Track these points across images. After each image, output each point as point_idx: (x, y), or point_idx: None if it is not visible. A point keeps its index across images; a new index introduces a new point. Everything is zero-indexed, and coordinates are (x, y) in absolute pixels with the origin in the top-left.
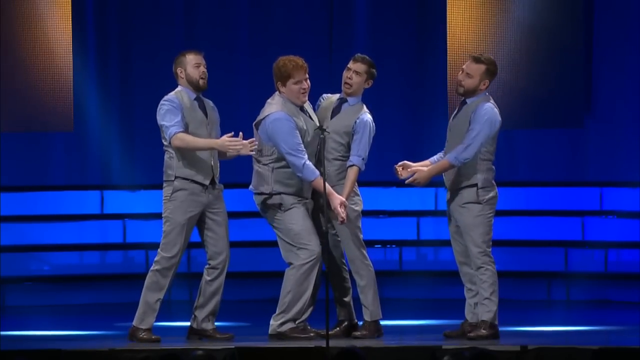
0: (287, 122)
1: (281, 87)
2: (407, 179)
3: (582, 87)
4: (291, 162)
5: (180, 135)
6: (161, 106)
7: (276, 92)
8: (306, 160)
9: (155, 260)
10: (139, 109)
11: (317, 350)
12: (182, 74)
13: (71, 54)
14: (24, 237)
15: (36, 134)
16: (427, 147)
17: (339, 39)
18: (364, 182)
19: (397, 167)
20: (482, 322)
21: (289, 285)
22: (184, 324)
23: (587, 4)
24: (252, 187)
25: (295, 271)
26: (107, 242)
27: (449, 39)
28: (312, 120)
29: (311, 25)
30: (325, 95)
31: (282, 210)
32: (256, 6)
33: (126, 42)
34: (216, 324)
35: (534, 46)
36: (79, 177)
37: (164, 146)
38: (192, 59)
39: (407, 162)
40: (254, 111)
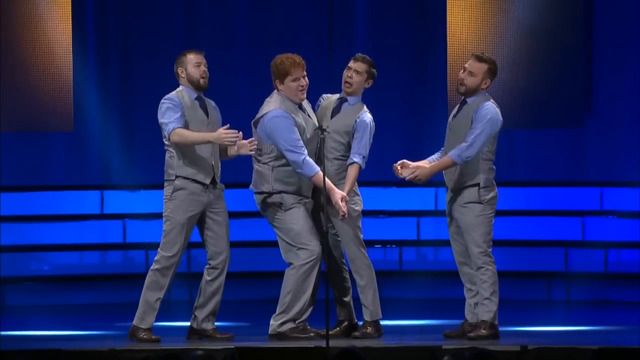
0: (286, 119)
1: (279, 85)
2: (406, 177)
3: (582, 87)
4: (291, 158)
5: (178, 130)
6: (161, 105)
7: (274, 91)
8: (306, 156)
9: (155, 259)
10: (139, 109)
11: (317, 350)
12: (183, 73)
13: (71, 54)
14: (24, 237)
15: (36, 134)
16: (427, 147)
17: (339, 39)
18: (364, 182)
19: (396, 166)
20: (482, 322)
21: (289, 285)
22: (184, 324)
23: (587, 4)
24: (252, 186)
25: (295, 271)
26: (107, 242)
27: (449, 39)
28: (310, 118)
29: (311, 25)
30: (325, 95)
31: (282, 209)
32: (256, 6)
33: (126, 42)
34: (216, 324)
35: (534, 46)
36: (79, 177)
37: (165, 145)
38: (192, 59)
39: (406, 161)
40: (254, 111)
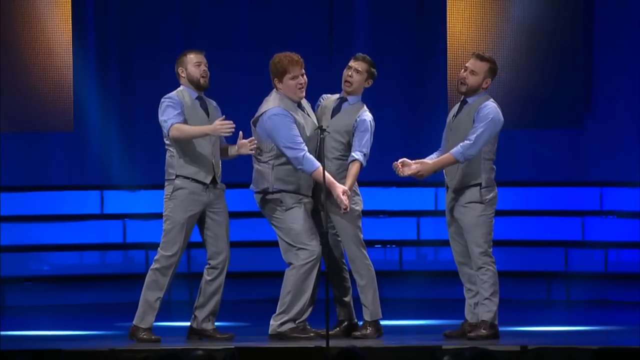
0: (285, 116)
1: (278, 83)
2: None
3: (582, 87)
4: (290, 155)
5: (176, 125)
6: (161, 103)
7: (273, 90)
8: (306, 152)
9: (155, 259)
10: (139, 109)
11: (317, 350)
12: (183, 73)
13: (71, 54)
14: (24, 237)
15: (36, 134)
16: (426, 146)
17: (339, 39)
18: (364, 182)
19: (397, 164)
20: (482, 322)
21: (289, 285)
22: (184, 324)
23: (587, 4)
24: (252, 186)
25: (295, 271)
26: (107, 242)
27: (449, 39)
28: (310, 117)
29: (311, 25)
30: (325, 95)
31: (282, 209)
32: (256, 6)
33: (126, 42)
34: (216, 324)
35: (534, 46)
36: (79, 177)
37: (165, 145)
38: (192, 58)
39: (407, 160)
40: (254, 110)
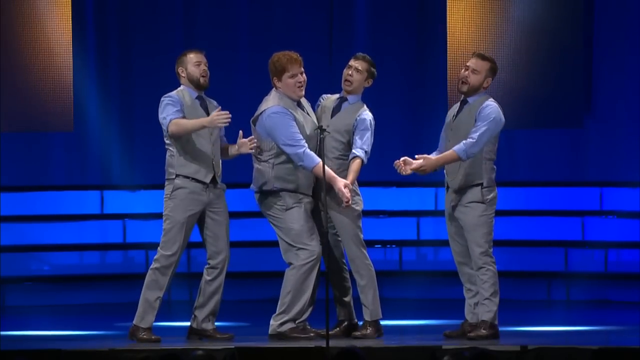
0: (284, 114)
1: (277, 82)
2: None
3: (582, 87)
4: (291, 152)
5: (175, 120)
6: (161, 102)
7: (273, 89)
8: (306, 148)
9: (154, 258)
10: (139, 109)
11: (317, 350)
12: (183, 73)
13: (71, 54)
14: (24, 237)
15: (36, 134)
16: (426, 146)
17: (339, 38)
18: (364, 182)
19: (399, 163)
20: (482, 322)
21: (289, 285)
22: (184, 324)
23: (587, 4)
24: (252, 185)
25: (295, 271)
26: (107, 242)
27: (449, 39)
28: (309, 116)
29: (311, 25)
30: (325, 95)
31: (283, 209)
32: (256, 6)
33: (126, 42)
34: (216, 324)
35: (534, 46)
36: (79, 177)
37: (166, 144)
38: (192, 58)
39: (408, 159)
40: (254, 110)
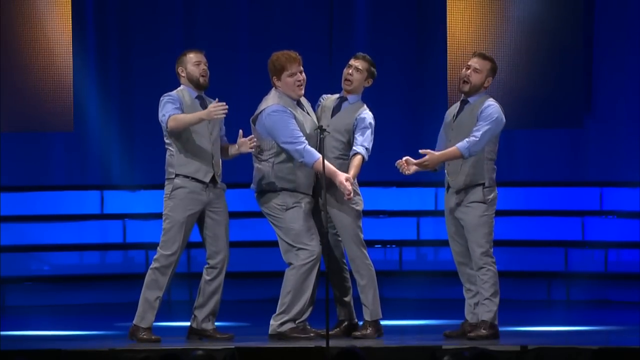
0: (284, 113)
1: (277, 81)
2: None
3: (582, 87)
4: (291, 150)
5: (173, 116)
6: (160, 101)
7: (272, 88)
8: (306, 144)
9: (154, 258)
10: (139, 109)
11: (317, 350)
12: (183, 72)
13: (71, 54)
14: (24, 237)
15: (36, 134)
16: (427, 146)
17: (339, 38)
18: (364, 182)
19: (402, 163)
20: (482, 322)
21: (289, 285)
22: (184, 324)
23: (587, 4)
24: (253, 185)
25: (295, 271)
26: (107, 242)
27: (449, 39)
28: (309, 116)
29: (311, 24)
30: (325, 95)
31: (283, 209)
32: (256, 6)
33: (126, 42)
34: (216, 324)
35: (534, 46)
36: (79, 177)
37: (165, 144)
38: (192, 58)
39: (410, 159)
40: (254, 110)
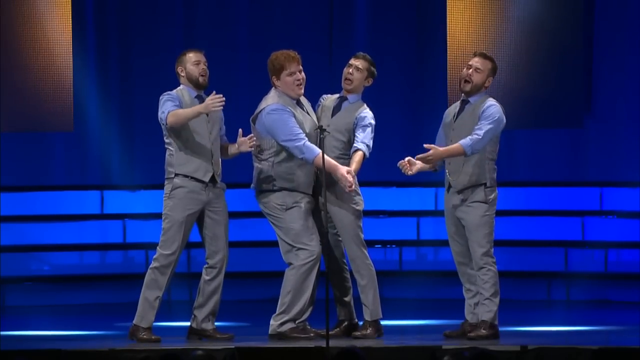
0: (283, 111)
1: (276, 81)
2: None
3: (582, 87)
4: (291, 147)
5: (172, 112)
6: (160, 100)
7: (272, 88)
8: (306, 140)
9: (154, 257)
10: (139, 109)
11: (317, 350)
12: (182, 72)
13: (71, 54)
14: (24, 237)
15: (36, 134)
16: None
17: (339, 38)
18: (364, 182)
19: (404, 163)
20: (482, 322)
21: (289, 285)
22: (184, 324)
23: (587, 4)
24: (253, 185)
25: (295, 271)
26: (107, 242)
27: (449, 39)
28: (309, 115)
29: (311, 24)
30: (325, 95)
31: (283, 208)
32: (256, 6)
33: (126, 41)
34: (216, 324)
35: (534, 46)
36: (79, 177)
37: (165, 144)
38: (191, 57)
39: (412, 159)
40: (254, 110)
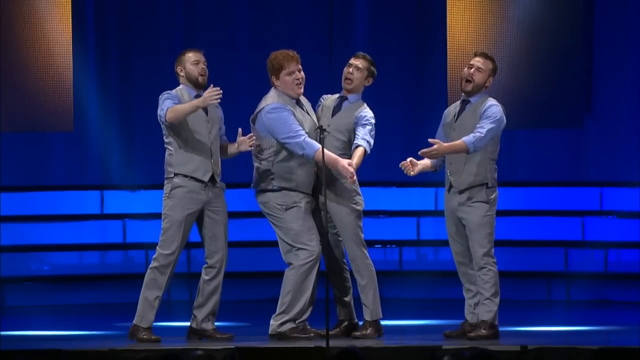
0: (283, 110)
1: (275, 80)
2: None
3: (582, 87)
4: (291, 144)
5: (171, 108)
6: (160, 98)
7: (272, 88)
8: (305, 136)
9: (153, 257)
10: (138, 109)
11: (317, 350)
12: (182, 72)
13: (71, 54)
14: (24, 237)
15: (36, 134)
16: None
17: (339, 38)
18: (364, 182)
19: (407, 164)
20: (482, 322)
21: (288, 285)
22: (184, 324)
23: (587, 4)
24: (253, 185)
25: (295, 271)
26: (107, 242)
27: (449, 39)
28: (309, 115)
29: (311, 24)
30: (325, 95)
31: (282, 208)
32: (256, 6)
33: (126, 41)
34: (216, 324)
35: (534, 46)
36: (79, 177)
37: (165, 143)
38: (191, 57)
39: (414, 160)
40: (254, 110)
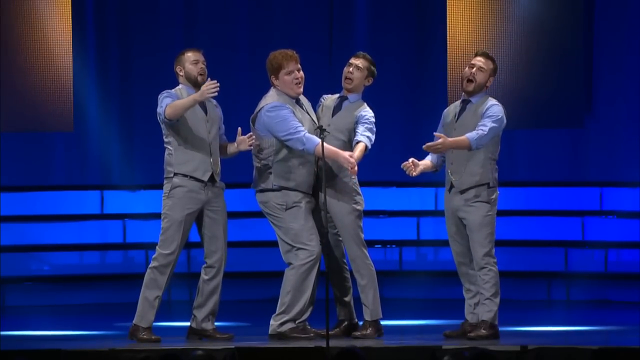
0: (283, 108)
1: (275, 80)
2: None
3: (582, 87)
4: (292, 141)
5: (170, 104)
6: (159, 97)
7: (271, 87)
8: (305, 132)
9: (153, 257)
10: (138, 109)
11: (317, 350)
12: (181, 72)
13: (71, 54)
14: (24, 237)
15: (36, 134)
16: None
17: (339, 38)
18: (364, 182)
19: (408, 164)
20: (482, 322)
21: (288, 285)
22: (184, 324)
23: (587, 4)
24: (253, 185)
25: (294, 271)
26: (107, 242)
27: (449, 39)
28: (308, 114)
29: (311, 24)
30: (325, 95)
31: (283, 208)
32: (256, 5)
33: (126, 41)
34: (216, 324)
35: (534, 46)
36: (79, 177)
37: (164, 143)
38: (190, 56)
39: (416, 160)
40: (254, 110)
